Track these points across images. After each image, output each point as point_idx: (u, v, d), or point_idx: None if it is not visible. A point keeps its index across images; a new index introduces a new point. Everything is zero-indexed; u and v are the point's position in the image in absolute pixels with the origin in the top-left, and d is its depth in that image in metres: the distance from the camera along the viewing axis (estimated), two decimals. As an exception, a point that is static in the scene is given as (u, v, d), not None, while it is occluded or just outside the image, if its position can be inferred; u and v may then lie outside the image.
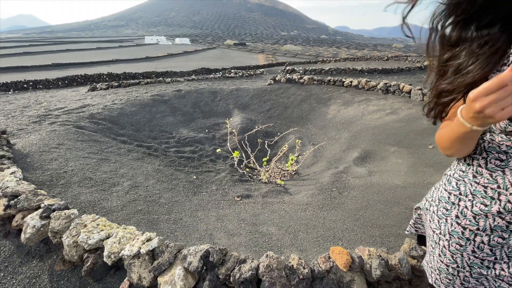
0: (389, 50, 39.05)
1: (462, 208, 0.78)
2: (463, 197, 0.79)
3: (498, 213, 0.71)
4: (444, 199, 0.84)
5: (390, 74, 9.27)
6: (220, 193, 3.43)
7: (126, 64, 19.08)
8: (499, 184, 0.71)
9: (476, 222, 0.76)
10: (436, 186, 0.93)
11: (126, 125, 4.78)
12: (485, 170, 0.74)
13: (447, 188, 0.84)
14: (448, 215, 0.82)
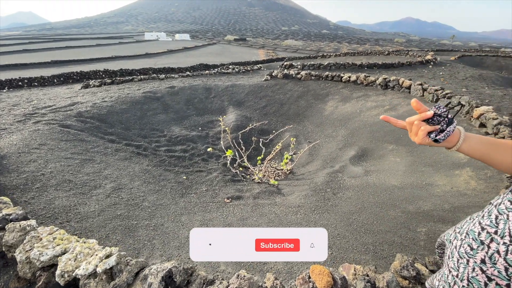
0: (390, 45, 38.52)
1: (492, 252, 0.59)
2: (498, 237, 0.59)
3: None
4: (473, 234, 0.65)
5: (391, 68, 9.03)
6: (210, 195, 3.29)
7: (125, 61, 18.90)
8: None
9: (507, 276, 0.56)
10: (473, 216, 0.74)
11: (115, 123, 4.64)
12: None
13: (482, 222, 0.65)
14: (471, 256, 0.63)
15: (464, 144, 0.66)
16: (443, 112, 0.62)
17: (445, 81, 7.42)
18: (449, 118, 0.63)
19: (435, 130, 0.63)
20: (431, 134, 0.63)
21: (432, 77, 7.88)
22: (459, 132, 0.65)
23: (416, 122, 0.64)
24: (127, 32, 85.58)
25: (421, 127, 0.63)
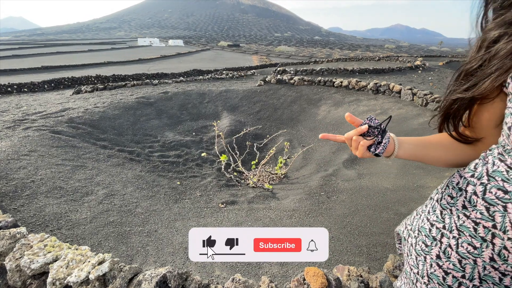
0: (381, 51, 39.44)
1: (446, 247, 0.62)
2: (447, 232, 0.62)
3: (491, 260, 0.54)
4: (425, 231, 0.67)
5: (381, 74, 9.23)
6: (204, 200, 3.27)
7: (118, 67, 18.78)
8: (495, 223, 0.54)
9: (461, 268, 0.59)
10: (418, 211, 0.76)
11: (107, 129, 4.59)
12: (481, 200, 0.57)
13: (430, 218, 0.67)
14: (427, 253, 0.65)
15: (400, 151, 0.67)
16: (376, 124, 0.63)
17: (434, 86, 7.62)
18: (383, 128, 0.64)
19: (373, 143, 0.64)
20: (370, 148, 0.64)
21: (421, 82, 8.08)
22: (393, 141, 0.66)
23: (354, 138, 0.65)
24: (119, 37, 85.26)
25: (360, 142, 0.63)
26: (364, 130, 0.62)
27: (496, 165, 0.55)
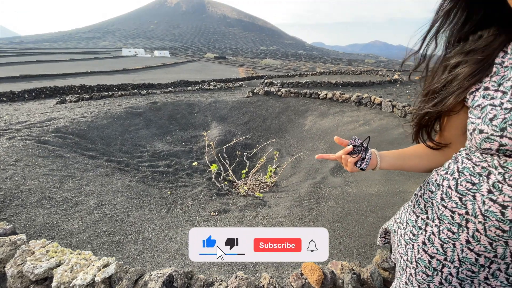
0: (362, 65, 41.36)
1: (429, 234, 0.72)
2: (430, 221, 0.72)
3: (466, 242, 0.64)
4: (412, 223, 0.78)
5: (363, 87, 9.72)
6: (196, 209, 3.29)
7: (101, 76, 18.44)
8: (467, 210, 0.64)
9: (443, 251, 0.69)
10: (405, 206, 0.87)
11: (95, 139, 4.53)
12: (455, 193, 0.67)
13: (415, 211, 0.78)
14: (415, 241, 0.75)
15: (382, 163, 0.80)
16: (359, 143, 0.77)
17: (411, 98, 8.13)
18: (365, 146, 0.76)
19: (358, 159, 0.76)
20: (357, 164, 0.76)
21: (400, 95, 8.59)
22: (375, 155, 0.79)
23: (343, 156, 0.76)
24: (103, 47, 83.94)
25: (348, 160, 0.76)
26: (350, 149, 0.75)
27: (464, 163, 0.67)
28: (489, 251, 0.61)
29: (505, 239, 0.58)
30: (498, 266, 0.62)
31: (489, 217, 0.59)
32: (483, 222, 0.60)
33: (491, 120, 0.58)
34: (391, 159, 0.81)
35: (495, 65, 0.63)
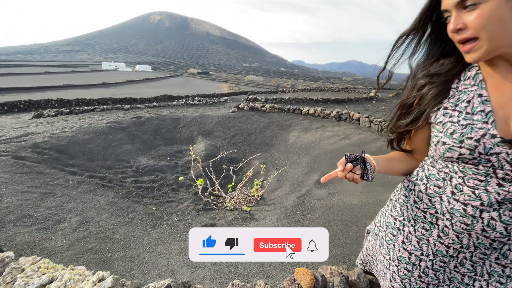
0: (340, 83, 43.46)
1: (407, 234, 0.82)
2: (407, 222, 0.82)
3: (438, 237, 0.75)
4: (391, 225, 0.88)
5: (342, 103, 10.24)
6: (183, 224, 3.26)
7: (80, 90, 17.89)
8: (436, 209, 0.75)
9: (420, 247, 0.79)
10: (383, 211, 0.97)
11: (76, 154, 4.39)
12: (425, 195, 0.78)
13: (393, 214, 0.88)
14: (395, 241, 0.85)
15: (378, 167, 0.84)
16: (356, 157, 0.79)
17: (386, 114, 8.67)
18: (361, 158, 0.79)
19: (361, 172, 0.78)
20: (363, 177, 0.77)
21: (376, 111, 9.14)
22: (372, 162, 0.82)
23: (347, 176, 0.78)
24: (82, 61, 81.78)
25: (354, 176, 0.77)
26: (350, 167, 0.77)
27: (430, 170, 0.79)
28: (456, 243, 0.73)
29: (468, 231, 0.70)
30: (464, 255, 0.74)
31: (454, 214, 0.71)
32: (450, 219, 0.72)
33: (451, 134, 0.70)
34: (383, 161, 0.86)
35: (452, 89, 0.76)
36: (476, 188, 0.68)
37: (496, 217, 0.66)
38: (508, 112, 0.66)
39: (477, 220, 0.68)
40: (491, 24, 0.60)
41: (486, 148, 0.65)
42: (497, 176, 0.66)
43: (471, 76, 0.74)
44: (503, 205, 0.65)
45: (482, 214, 0.67)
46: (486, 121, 0.67)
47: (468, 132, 0.68)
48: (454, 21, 0.65)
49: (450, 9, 0.66)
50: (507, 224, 0.66)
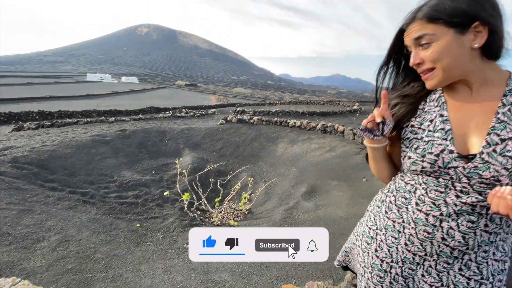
0: (325, 96, 44.74)
1: (379, 242, 0.86)
2: (379, 231, 0.87)
3: (405, 245, 0.80)
4: (366, 234, 0.92)
5: (327, 116, 10.52)
6: (168, 241, 3.17)
7: (63, 101, 17.42)
8: (403, 219, 0.80)
9: (390, 254, 0.84)
10: (361, 221, 1.03)
11: (57, 169, 4.24)
12: (394, 206, 0.84)
13: (368, 224, 0.94)
14: (369, 249, 0.90)
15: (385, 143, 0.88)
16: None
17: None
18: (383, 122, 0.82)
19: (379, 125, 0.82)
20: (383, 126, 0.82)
21: (360, 124, 9.43)
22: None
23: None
24: (66, 72, 79.91)
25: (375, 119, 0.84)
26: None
27: (399, 183, 0.86)
28: (421, 251, 0.78)
29: (430, 239, 0.76)
30: (429, 263, 0.79)
31: (418, 223, 0.77)
32: (415, 227, 0.78)
33: (415, 149, 0.77)
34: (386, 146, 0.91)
35: (419, 109, 0.85)
36: (436, 199, 0.74)
37: (454, 227, 0.72)
38: (465, 131, 0.74)
39: (437, 229, 0.74)
40: (443, 58, 0.70)
41: (444, 162, 0.72)
42: (455, 189, 0.72)
43: (435, 99, 0.83)
44: (461, 216, 0.71)
45: (442, 224, 0.73)
46: (445, 138, 0.74)
47: (429, 147, 0.75)
48: (413, 56, 0.76)
49: (410, 46, 0.77)
50: (465, 234, 0.72)
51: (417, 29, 0.73)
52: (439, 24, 0.70)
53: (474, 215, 0.71)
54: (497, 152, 0.67)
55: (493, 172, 0.67)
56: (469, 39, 0.69)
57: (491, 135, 0.69)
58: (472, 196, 0.70)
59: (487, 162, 0.68)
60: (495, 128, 0.70)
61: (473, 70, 0.73)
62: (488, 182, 0.68)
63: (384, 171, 0.93)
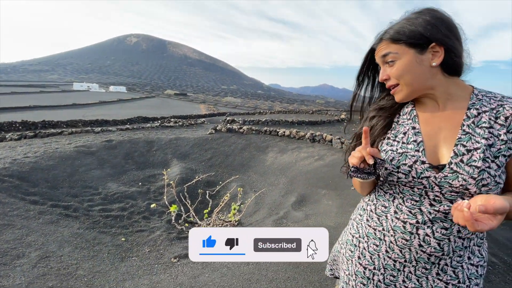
0: (313, 105, 45.61)
1: (362, 249, 0.89)
2: (361, 239, 0.90)
3: (386, 252, 0.82)
4: (349, 242, 0.95)
5: (315, 125, 10.68)
6: (154, 256, 3.08)
7: (47, 111, 16.96)
8: (383, 227, 0.82)
9: (372, 262, 0.86)
10: (345, 229, 1.04)
11: (39, 182, 4.08)
12: (375, 214, 0.86)
13: (351, 232, 0.95)
14: (352, 257, 0.92)
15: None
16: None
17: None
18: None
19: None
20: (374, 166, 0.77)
21: (347, 133, 9.64)
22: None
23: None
24: (51, 81, 78.09)
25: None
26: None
27: (379, 192, 0.88)
28: (401, 257, 0.81)
29: (408, 246, 0.78)
30: (409, 269, 0.81)
31: (397, 231, 0.80)
32: (394, 235, 0.80)
33: (391, 161, 0.81)
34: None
35: (394, 122, 0.90)
36: (412, 208, 0.78)
37: (430, 234, 0.76)
38: (435, 142, 0.79)
39: (414, 236, 0.77)
40: (405, 75, 0.77)
41: (417, 173, 0.75)
42: (429, 197, 0.76)
43: (408, 112, 0.88)
44: (435, 223, 0.75)
45: (418, 231, 0.76)
46: (417, 150, 0.78)
47: (403, 159, 0.78)
48: (381, 73, 0.84)
49: (379, 63, 0.85)
50: (440, 240, 0.75)
51: (383, 48, 0.80)
52: (401, 45, 0.77)
53: (447, 222, 0.75)
54: (464, 162, 0.72)
55: (461, 181, 0.71)
56: (428, 58, 0.75)
57: (458, 146, 0.74)
58: (444, 204, 0.74)
59: (455, 171, 0.72)
60: (461, 139, 0.75)
61: (436, 85, 0.79)
62: (457, 190, 0.72)
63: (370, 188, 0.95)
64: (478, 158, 0.71)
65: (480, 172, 0.70)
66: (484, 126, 0.74)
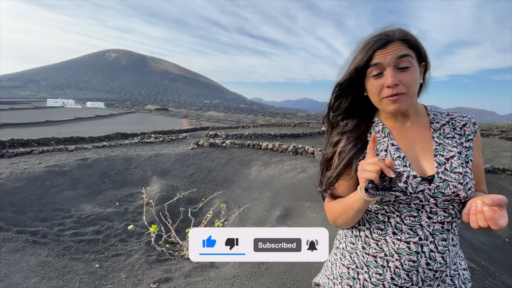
0: (295, 118, 46.57)
1: (363, 281, 0.80)
2: (360, 269, 0.81)
3: (391, 279, 0.75)
4: (345, 275, 0.85)
5: (298, 138, 10.85)
6: (131, 282, 2.87)
7: (18, 129, 15.93)
8: (385, 252, 0.76)
9: None
10: (332, 261, 0.94)
11: (4, 206, 3.74)
12: (372, 240, 0.79)
13: (344, 263, 0.86)
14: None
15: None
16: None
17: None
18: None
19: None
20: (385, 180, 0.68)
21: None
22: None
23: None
24: (23, 97, 74.21)
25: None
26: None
27: (368, 214, 0.81)
28: (407, 281, 0.75)
29: (416, 268, 0.74)
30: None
31: (402, 254, 0.74)
32: (399, 259, 0.75)
33: None
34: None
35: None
36: (413, 224, 0.74)
37: (434, 249, 0.73)
38: (415, 155, 0.79)
39: (421, 255, 0.73)
40: (414, 85, 0.76)
41: (413, 188, 0.73)
42: (426, 211, 0.74)
43: (380, 130, 0.85)
44: (435, 236, 0.74)
45: (423, 249, 0.73)
46: (405, 165, 0.76)
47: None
48: (392, 76, 0.73)
49: (385, 66, 0.74)
50: (442, 253, 0.74)
51: (401, 49, 0.73)
52: (412, 51, 0.75)
53: (444, 232, 0.74)
54: (448, 170, 0.74)
55: (452, 188, 0.72)
56: (420, 73, 0.79)
57: (437, 157, 0.76)
58: (440, 214, 0.74)
59: (445, 180, 0.73)
60: (437, 150, 0.77)
61: (415, 101, 0.82)
62: (449, 198, 0.73)
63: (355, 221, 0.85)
64: (458, 165, 0.74)
65: (463, 176, 0.73)
66: (449, 137, 0.79)
